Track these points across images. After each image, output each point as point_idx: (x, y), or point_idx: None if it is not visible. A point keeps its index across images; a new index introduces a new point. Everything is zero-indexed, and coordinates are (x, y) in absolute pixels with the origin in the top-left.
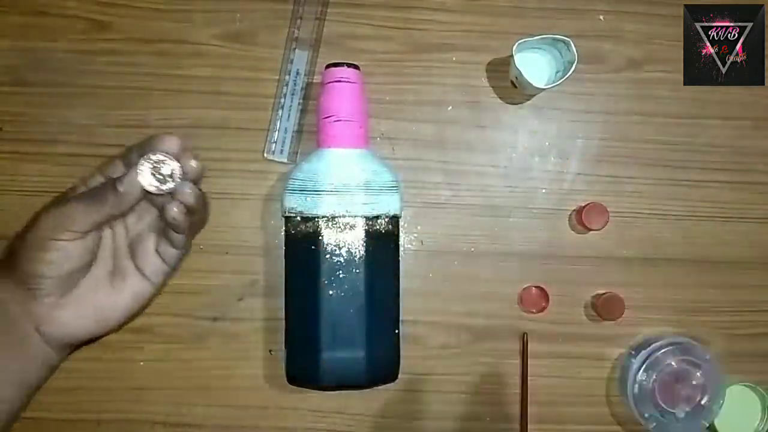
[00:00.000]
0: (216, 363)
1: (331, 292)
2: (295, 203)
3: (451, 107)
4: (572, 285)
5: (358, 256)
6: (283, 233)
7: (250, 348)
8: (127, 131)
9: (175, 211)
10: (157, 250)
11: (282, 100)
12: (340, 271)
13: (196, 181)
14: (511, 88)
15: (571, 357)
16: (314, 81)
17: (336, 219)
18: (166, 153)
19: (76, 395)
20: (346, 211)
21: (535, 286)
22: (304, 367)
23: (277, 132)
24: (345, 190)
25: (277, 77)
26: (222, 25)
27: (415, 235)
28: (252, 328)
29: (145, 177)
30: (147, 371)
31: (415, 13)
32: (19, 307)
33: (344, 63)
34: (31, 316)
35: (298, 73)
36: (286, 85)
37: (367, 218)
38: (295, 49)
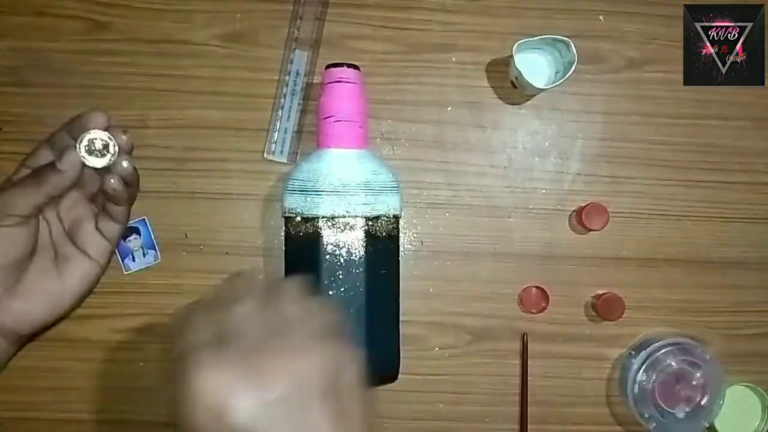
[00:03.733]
0: None
1: (331, 292)
2: (295, 203)
3: (451, 107)
4: (572, 285)
5: (358, 257)
6: (283, 233)
7: None
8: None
9: (114, 182)
10: (97, 229)
11: (282, 101)
12: (340, 271)
13: (128, 153)
14: (511, 88)
15: (571, 357)
16: (314, 81)
17: (336, 219)
18: (97, 129)
19: (76, 395)
20: (346, 211)
21: (535, 287)
22: None
23: (277, 132)
24: (345, 191)
25: (277, 77)
26: (222, 25)
27: (415, 235)
28: None
29: (83, 154)
30: (147, 371)
31: (415, 13)
32: None
33: (344, 63)
34: None
35: (298, 74)
36: (286, 85)
37: (367, 218)
38: (295, 49)
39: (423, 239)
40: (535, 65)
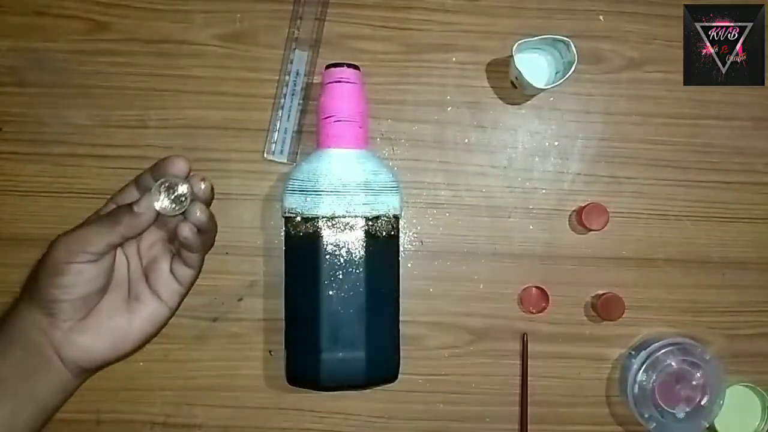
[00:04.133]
0: (216, 363)
1: (331, 292)
2: (295, 203)
3: (451, 107)
4: (572, 285)
5: (358, 256)
6: (283, 233)
7: (250, 348)
8: (127, 131)
9: (187, 230)
10: (171, 272)
11: (282, 101)
12: (340, 271)
13: (205, 202)
14: (511, 88)
15: (571, 357)
16: (314, 81)
17: (336, 219)
18: (177, 176)
19: (76, 395)
20: (346, 211)
21: (535, 287)
22: (304, 367)
23: (277, 132)
24: (345, 191)
25: (277, 77)
26: (222, 25)
27: (415, 235)
28: (252, 328)
29: (158, 199)
30: (147, 371)
31: (415, 13)
32: (40, 332)
33: (344, 63)
34: (52, 341)
35: (298, 74)
36: (286, 85)
37: (367, 218)
38: (295, 49)
39: (423, 239)
40: (535, 65)
